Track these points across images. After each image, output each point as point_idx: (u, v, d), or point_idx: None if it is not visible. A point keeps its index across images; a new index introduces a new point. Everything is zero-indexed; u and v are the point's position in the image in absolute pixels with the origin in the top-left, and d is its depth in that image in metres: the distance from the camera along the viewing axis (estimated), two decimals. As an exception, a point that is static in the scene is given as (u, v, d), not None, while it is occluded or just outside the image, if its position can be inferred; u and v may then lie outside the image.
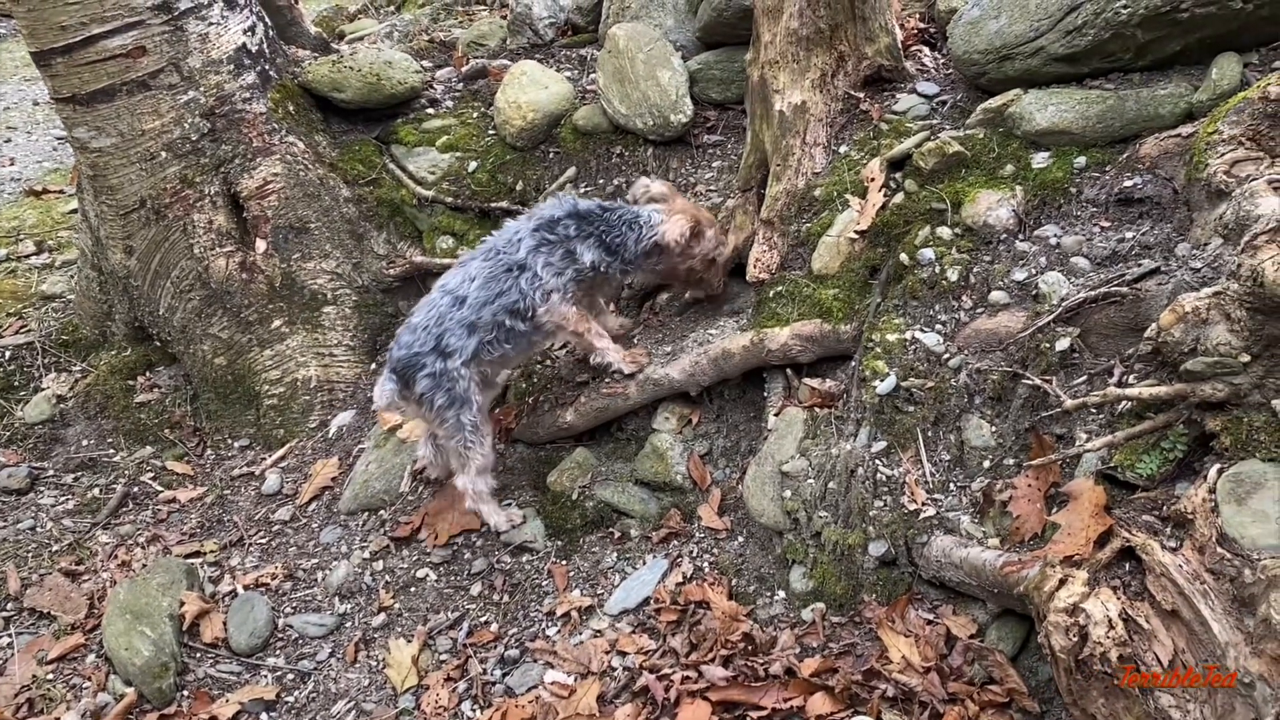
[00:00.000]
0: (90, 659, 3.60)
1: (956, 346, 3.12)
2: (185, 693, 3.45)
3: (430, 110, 5.08)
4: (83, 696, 3.45)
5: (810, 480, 3.21)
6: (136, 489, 4.47)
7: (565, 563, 3.63)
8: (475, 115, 5.01)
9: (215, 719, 3.30)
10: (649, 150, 4.58)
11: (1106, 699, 2.30)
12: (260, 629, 3.61)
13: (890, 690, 2.75)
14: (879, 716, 2.71)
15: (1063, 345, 2.83)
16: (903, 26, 4.17)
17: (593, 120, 4.67)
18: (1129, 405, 2.62)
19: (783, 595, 3.24)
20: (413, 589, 3.67)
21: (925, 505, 2.96)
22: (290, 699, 3.40)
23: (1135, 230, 3.01)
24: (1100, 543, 2.48)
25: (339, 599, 3.71)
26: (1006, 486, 2.86)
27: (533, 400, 4.01)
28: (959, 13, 3.66)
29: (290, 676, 3.48)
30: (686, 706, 2.86)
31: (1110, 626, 2.28)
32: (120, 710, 3.36)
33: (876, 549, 3.01)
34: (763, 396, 3.61)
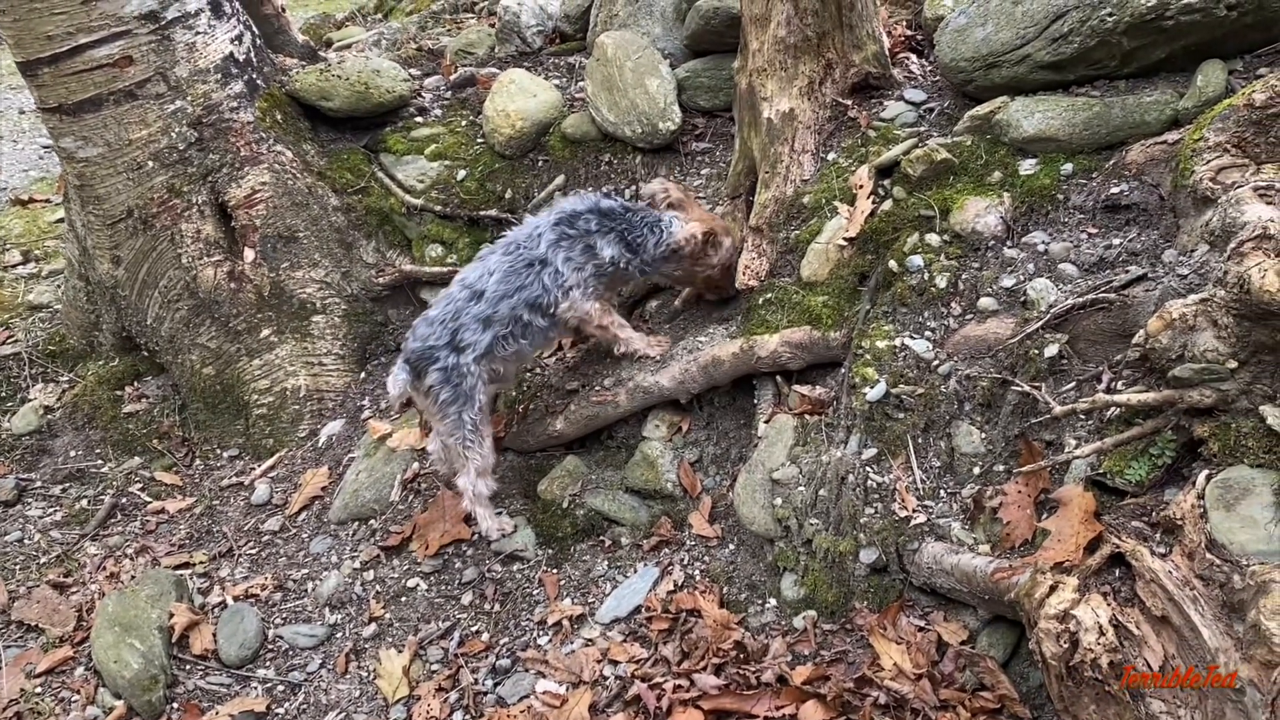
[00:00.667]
0: (79, 672, 3.57)
1: (946, 353, 3.13)
2: (175, 705, 3.43)
3: (419, 119, 5.06)
4: (71, 710, 3.43)
5: (801, 487, 3.22)
6: (125, 500, 4.45)
7: (556, 571, 3.62)
8: (464, 123, 5.00)
9: (205, 731, 3.29)
10: (637, 158, 4.57)
11: (1098, 705, 2.31)
12: (250, 640, 3.59)
13: (882, 697, 2.75)
14: (871, 724, 2.71)
15: (1051, 352, 2.84)
16: (890, 34, 4.18)
17: (581, 128, 4.67)
18: (1118, 411, 2.63)
19: (774, 603, 3.24)
20: (403, 599, 3.65)
21: (916, 512, 2.97)
22: (281, 710, 3.39)
23: (1122, 237, 3.03)
24: (1090, 549, 2.49)
25: (329, 609, 3.70)
26: (997, 493, 2.87)
27: (523, 408, 4.01)
28: (946, 20, 3.67)
29: (281, 688, 3.46)
30: (679, 715, 2.87)
31: (1101, 633, 2.29)
32: (109, 724, 3.34)
33: (867, 556, 3.01)
34: (753, 404, 3.61)
